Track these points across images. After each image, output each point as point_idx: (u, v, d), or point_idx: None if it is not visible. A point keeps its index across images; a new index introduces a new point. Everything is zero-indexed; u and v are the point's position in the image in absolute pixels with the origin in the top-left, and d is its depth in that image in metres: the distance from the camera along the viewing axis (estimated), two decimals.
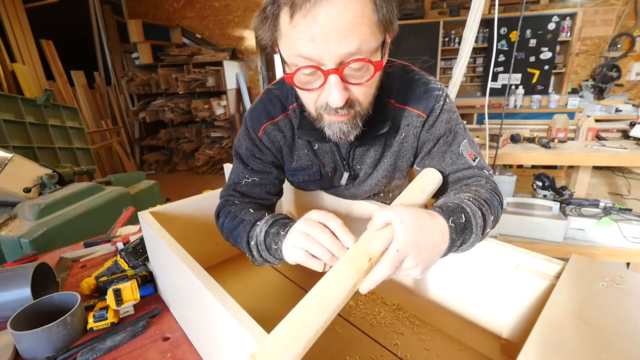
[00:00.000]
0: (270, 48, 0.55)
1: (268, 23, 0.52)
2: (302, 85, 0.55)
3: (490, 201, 0.62)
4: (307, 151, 0.76)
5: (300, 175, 0.80)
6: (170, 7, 5.21)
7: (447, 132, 0.70)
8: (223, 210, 0.75)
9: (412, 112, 0.69)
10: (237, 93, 5.09)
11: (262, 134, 0.74)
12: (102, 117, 4.72)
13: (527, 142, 2.48)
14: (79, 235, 1.36)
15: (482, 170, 0.70)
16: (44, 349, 0.67)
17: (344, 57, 0.49)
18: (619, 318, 0.43)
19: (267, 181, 0.77)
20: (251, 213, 0.70)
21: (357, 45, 0.48)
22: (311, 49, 0.48)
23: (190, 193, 0.98)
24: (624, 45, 4.34)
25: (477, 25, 1.90)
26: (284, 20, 0.49)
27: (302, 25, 0.47)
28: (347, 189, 0.85)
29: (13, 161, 1.83)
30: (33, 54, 3.84)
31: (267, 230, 0.61)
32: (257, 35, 0.55)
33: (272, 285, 0.91)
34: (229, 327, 0.45)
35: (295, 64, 0.52)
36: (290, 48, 0.51)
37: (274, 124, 0.73)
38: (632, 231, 2.03)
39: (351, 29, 0.47)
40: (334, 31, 0.47)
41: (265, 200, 0.78)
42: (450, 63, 4.77)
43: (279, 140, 0.75)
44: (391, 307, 0.79)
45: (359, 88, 0.54)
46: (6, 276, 0.80)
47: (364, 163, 0.77)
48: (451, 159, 0.70)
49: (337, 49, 0.48)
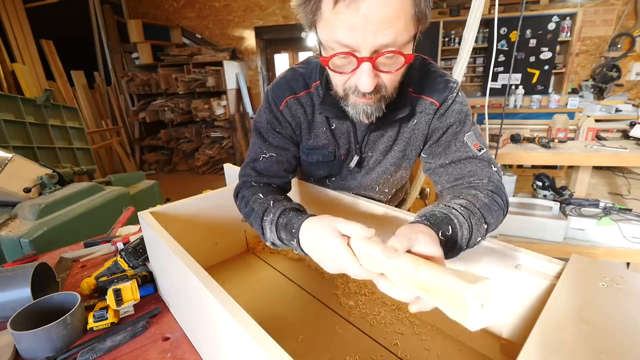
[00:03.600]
0: (308, 28, 0.58)
1: (311, 5, 0.53)
2: (335, 67, 0.58)
3: (489, 206, 0.61)
4: (325, 129, 0.78)
5: (315, 155, 0.82)
6: (170, 7, 5.21)
7: (457, 123, 0.72)
8: (240, 192, 0.77)
9: (426, 100, 0.72)
10: (237, 93, 5.09)
11: (284, 107, 0.76)
12: (102, 117, 4.71)
13: (527, 142, 2.48)
14: (79, 235, 1.36)
15: (488, 163, 0.70)
16: (44, 349, 0.67)
17: (379, 47, 0.52)
18: (619, 318, 0.43)
19: (284, 158, 0.79)
20: (260, 202, 0.70)
21: (393, 37, 0.51)
22: (349, 37, 0.51)
23: (190, 193, 0.98)
24: (624, 45, 4.34)
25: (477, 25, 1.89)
26: (326, 5, 0.51)
27: (344, 14, 0.49)
28: (354, 177, 0.87)
29: (13, 161, 1.82)
30: (33, 54, 3.83)
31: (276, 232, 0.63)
32: (297, 14, 0.57)
33: (272, 285, 0.91)
34: (229, 327, 0.45)
35: (332, 47, 0.54)
36: (329, 33, 0.53)
37: (296, 99, 0.76)
38: (632, 231, 2.03)
39: (389, 21, 0.49)
40: (373, 23, 0.49)
41: (281, 178, 0.80)
42: (450, 63, 4.77)
43: (299, 115, 0.77)
44: (391, 307, 0.79)
45: (388, 75, 0.57)
46: (6, 276, 0.80)
47: (376, 150, 0.80)
48: (455, 147, 0.72)
49: (374, 39, 0.50)
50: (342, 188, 0.91)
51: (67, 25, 4.51)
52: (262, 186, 0.76)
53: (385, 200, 0.96)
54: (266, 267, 0.99)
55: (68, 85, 4.22)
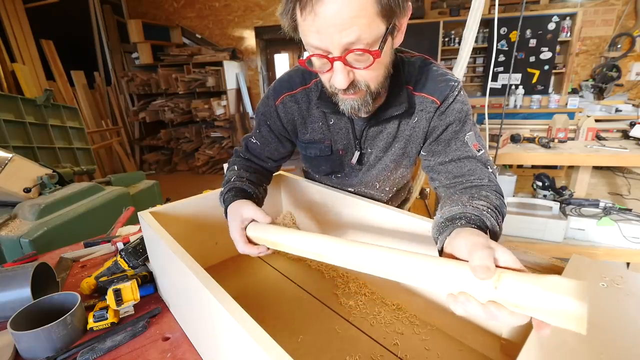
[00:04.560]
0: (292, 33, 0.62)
1: (288, 15, 0.58)
2: (317, 68, 0.63)
3: (500, 208, 0.61)
4: (322, 124, 0.82)
5: (312, 149, 0.86)
6: (170, 7, 5.21)
7: (457, 121, 0.73)
8: (232, 157, 0.93)
9: (427, 99, 0.73)
10: (237, 93, 5.09)
11: (280, 103, 0.82)
12: (102, 117, 4.71)
13: (527, 142, 2.48)
14: (79, 235, 1.36)
15: (485, 164, 0.70)
16: (44, 349, 0.67)
17: (347, 45, 0.55)
18: (619, 318, 0.43)
19: (267, 148, 0.89)
20: (231, 172, 0.85)
21: (357, 35, 0.53)
22: (317, 40, 0.55)
23: (190, 193, 0.98)
24: (624, 45, 4.34)
25: (477, 25, 1.90)
26: (297, 14, 0.56)
27: (309, 20, 0.54)
28: (355, 175, 0.89)
29: (13, 161, 1.82)
30: (33, 54, 3.83)
31: (222, 201, 0.79)
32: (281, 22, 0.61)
33: (272, 285, 0.91)
34: (229, 327, 0.45)
35: (309, 50, 0.60)
36: (304, 37, 0.59)
37: (292, 96, 0.82)
38: (632, 231, 2.03)
39: (350, 21, 0.52)
40: (335, 24, 0.52)
41: (263, 161, 0.91)
42: (450, 63, 4.77)
43: (293, 112, 0.83)
44: (391, 307, 0.79)
45: (363, 72, 0.60)
46: (6, 276, 0.80)
47: (375, 146, 0.82)
48: (456, 145, 0.73)
49: (339, 39, 0.54)
50: (343, 185, 0.93)
51: (67, 25, 4.51)
52: (244, 160, 0.91)
53: (387, 199, 0.96)
54: (266, 267, 0.99)
55: (68, 85, 4.22)
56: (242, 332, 0.41)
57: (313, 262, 0.97)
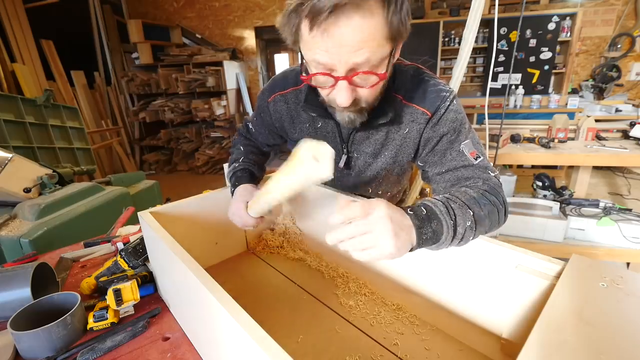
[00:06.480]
0: (292, 45, 0.62)
1: (291, 27, 0.57)
2: (317, 84, 0.64)
3: (476, 199, 0.60)
4: (309, 126, 0.84)
5: None
6: (170, 7, 5.21)
7: (452, 131, 0.72)
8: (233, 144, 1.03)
9: (417, 110, 0.73)
10: (237, 93, 5.09)
11: (272, 101, 0.87)
12: (102, 117, 4.71)
13: (527, 142, 2.48)
14: (79, 235, 1.36)
15: (484, 170, 0.69)
16: (44, 349, 0.67)
17: (353, 66, 0.56)
18: (619, 318, 0.43)
19: (259, 136, 0.99)
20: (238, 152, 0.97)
21: (367, 57, 0.54)
22: (326, 57, 0.55)
23: (190, 193, 0.97)
24: (624, 45, 4.34)
25: (477, 25, 1.90)
26: (304, 29, 0.56)
27: (319, 37, 0.54)
28: (347, 179, 0.91)
29: (13, 161, 1.82)
30: (33, 54, 3.83)
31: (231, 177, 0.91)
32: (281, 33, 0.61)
33: (272, 285, 0.91)
34: (229, 327, 0.45)
35: (312, 65, 0.60)
36: (308, 53, 0.58)
37: (283, 95, 0.85)
38: (632, 231, 2.03)
39: (361, 44, 0.53)
40: (347, 46, 0.53)
41: (259, 143, 1.01)
42: (450, 63, 4.77)
43: (281, 112, 0.86)
44: (391, 307, 0.79)
45: (365, 90, 0.61)
46: (6, 276, 0.80)
47: (363, 151, 0.82)
48: (452, 156, 0.72)
49: (347, 59, 0.54)
50: (337, 187, 0.94)
51: (67, 25, 4.51)
52: (247, 139, 1.02)
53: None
54: (266, 267, 0.99)
55: (68, 85, 4.22)
56: (242, 332, 0.41)
57: (313, 262, 0.97)
